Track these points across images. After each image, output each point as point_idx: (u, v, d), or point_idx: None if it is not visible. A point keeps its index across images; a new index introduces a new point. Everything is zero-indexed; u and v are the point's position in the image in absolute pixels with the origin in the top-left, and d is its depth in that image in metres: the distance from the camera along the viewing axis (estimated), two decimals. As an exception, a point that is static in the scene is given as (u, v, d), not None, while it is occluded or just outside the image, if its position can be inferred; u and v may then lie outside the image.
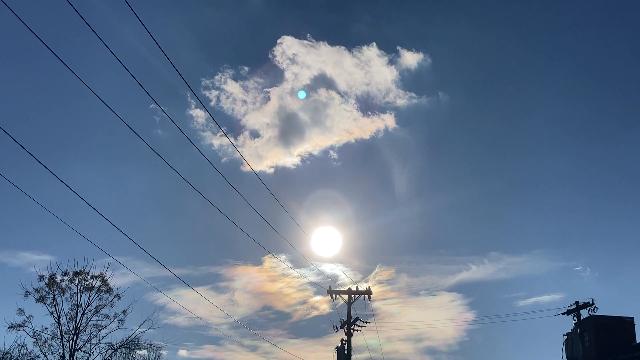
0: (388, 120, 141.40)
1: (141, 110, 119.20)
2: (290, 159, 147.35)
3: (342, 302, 47.24)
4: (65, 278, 36.01)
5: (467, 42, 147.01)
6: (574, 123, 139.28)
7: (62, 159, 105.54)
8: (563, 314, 43.08)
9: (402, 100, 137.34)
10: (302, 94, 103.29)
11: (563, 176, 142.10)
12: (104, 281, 36.80)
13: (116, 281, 37.82)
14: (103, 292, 36.71)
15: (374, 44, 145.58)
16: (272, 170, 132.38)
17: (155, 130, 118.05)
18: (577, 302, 42.27)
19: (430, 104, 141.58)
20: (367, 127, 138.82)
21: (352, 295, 47.02)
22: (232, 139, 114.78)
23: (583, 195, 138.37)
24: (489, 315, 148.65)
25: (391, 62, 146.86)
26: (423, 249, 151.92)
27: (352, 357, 45.81)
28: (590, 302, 41.62)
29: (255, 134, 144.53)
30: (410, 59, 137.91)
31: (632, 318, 52.74)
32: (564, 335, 41.40)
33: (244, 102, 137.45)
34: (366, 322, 47.01)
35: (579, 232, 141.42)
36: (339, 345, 45.49)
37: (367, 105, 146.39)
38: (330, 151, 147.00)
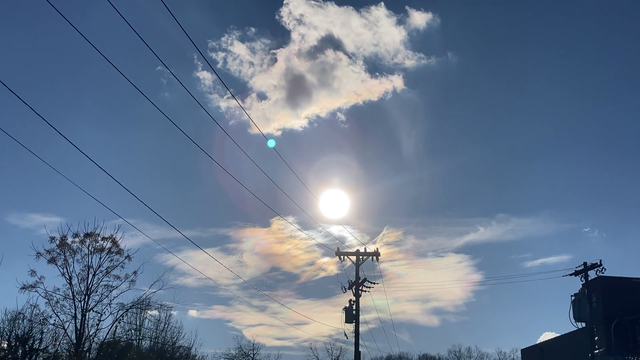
0: (396, 82, 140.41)
1: (148, 73, 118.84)
2: (297, 121, 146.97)
3: (349, 263, 47.58)
4: (76, 240, 36.30)
5: (476, 1, 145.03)
6: (582, 83, 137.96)
7: (70, 121, 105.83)
8: (571, 275, 43.18)
9: (411, 61, 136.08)
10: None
11: (571, 137, 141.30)
12: (114, 243, 37.07)
13: (126, 243, 38.14)
14: (114, 254, 37.00)
15: (382, 3, 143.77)
16: (279, 132, 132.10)
17: (162, 93, 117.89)
18: (584, 263, 42.36)
19: (439, 65, 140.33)
20: (375, 88, 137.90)
21: (360, 257, 47.29)
22: (239, 101, 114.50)
23: (591, 157, 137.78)
24: (496, 277, 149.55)
25: (400, 22, 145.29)
26: (430, 210, 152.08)
27: (360, 317, 46.30)
28: (598, 263, 41.68)
29: (262, 96, 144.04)
30: (419, 19, 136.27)
31: (640, 279, 52.97)
32: (571, 296, 41.62)
33: (251, 64, 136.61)
34: (374, 283, 47.41)
35: (587, 194, 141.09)
36: (347, 305, 45.92)
37: (375, 67, 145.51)
38: (338, 113, 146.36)
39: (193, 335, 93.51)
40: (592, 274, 42.21)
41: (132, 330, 48.63)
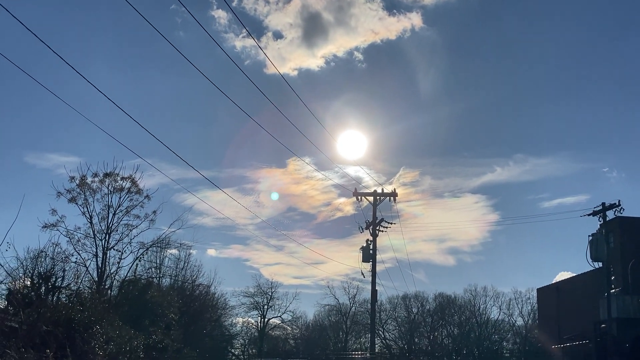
0: (415, 20, 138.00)
1: (162, 12, 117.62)
2: (314, 60, 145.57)
3: (366, 203, 47.76)
4: (96, 179, 36.56)
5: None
6: (604, 17, 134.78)
7: (87, 61, 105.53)
8: (589, 215, 43.12)
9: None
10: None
11: (591, 76, 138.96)
12: (133, 182, 37.27)
13: (145, 183, 38.38)
14: (133, 193, 37.24)
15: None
16: (295, 72, 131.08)
17: (177, 32, 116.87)
18: (603, 204, 42.21)
19: (458, 2, 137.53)
20: (393, 26, 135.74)
21: (378, 197, 47.45)
22: (256, 40, 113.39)
23: (611, 96, 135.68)
24: (512, 217, 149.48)
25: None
26: (447, 151, 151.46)
27: (377, 256, 46.73)
28: (617, 204, 41.55)
29: (278, 35, 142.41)
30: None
31: (658, 219, 52.72)
32: (589, 236, 41.65)
33: (267, 1, 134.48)
34: (391, 224, 47.68)
35: (606, 133, 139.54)
36: (364, 245, 46.32)
37: (393, 4, 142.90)
38: (355, 52, 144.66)
39: (212, 273, 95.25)
40: (610, 214, 42.17)
41: (153, 269, 49.50)
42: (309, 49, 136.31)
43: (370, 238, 46.64)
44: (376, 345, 72.29)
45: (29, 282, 29.88)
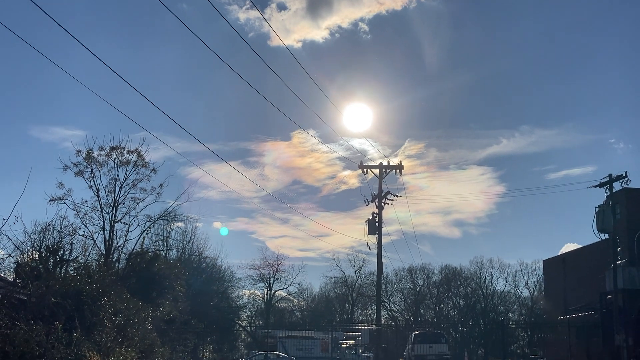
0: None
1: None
2: (318, 32, 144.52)
3: (371, 176, 47.72)
4: (102, 153, 36.59)
5: None
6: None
7: (91, 34, 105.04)
8: (595, 186, 42.96)
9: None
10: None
11: (597, 47, 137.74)
12: (139, 156, 37.29)
13: (150, 156, 38.39)
14: (139, 167, 37.26)
15: None
16: (300, 44, 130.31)
17: (181, 5, 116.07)
18: (609, 175, 42.04)
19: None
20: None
21: (383, 170, 47.40)
22: (260, 11, 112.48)
23: (618, 66, 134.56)
24: (519, 189, 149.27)
25: None
26: (453, 122, 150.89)
27: (383, 229, 46.81)
28: (624, 175, 41.38)
29: (282, 7, 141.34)
30: None
31: (666, 191, 52.57)
32: (595, 207, 41.58)
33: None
34: (396, 196, 47.70)
35: (613, 105, 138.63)
36: (370, 217, 46.40)
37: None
38: (360, 23, 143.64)
39: (219, 246, 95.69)
40: (617, 186, 42.00)
41: (160, 242, 49.86)
42: (313, 20, 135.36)
43: (376, 211, 46.70)
44: (382, 317, 72.78)
45: (37, 255, 30.05)
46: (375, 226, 46.42)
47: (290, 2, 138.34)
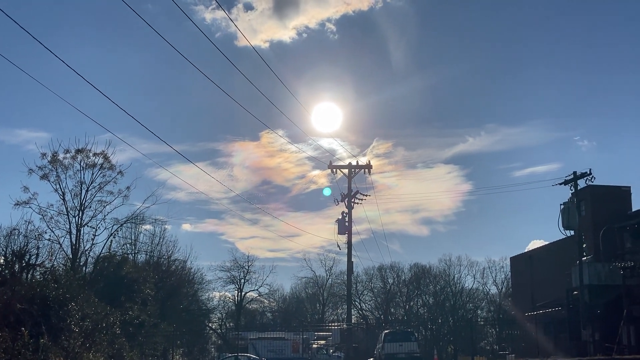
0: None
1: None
2: (285, 32, 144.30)
3: (340, 175, 47.84)
4: (68, 156, 36.21)
5: None
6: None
7: (55, 36, 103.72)
8: (560, 184, 43.62)
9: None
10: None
11: (562, 45, 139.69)
12: (106, 158, 37.01)
13: (117, 158, 38.10)
14: (106, 169, 37.02)
15: None
16: (267, 44, 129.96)
17: (146, 5, 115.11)
18: (574, 172, 42.68)
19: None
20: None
21: (353, 170, 47.53)
22: (226, 12, 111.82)
23: (582, 65, 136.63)
24: (485, 187, 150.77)
25: None
26: (420, 122, 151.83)
27: (352, 228, 46.97)
28: (588, 172, 42.05)
29: (248, 7, 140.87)
30: None
31: (629, 187, 53.51)
32: (560, 204, 42.19)
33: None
34: (366, 195, 47.89)
35: (577, 103, 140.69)
36: (340, 217, 46.51)
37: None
38: (327, 24, 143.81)
39: (188, 248, 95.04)
40: (581, 183, 42.66)
41: (128, 245, 49.34)
42: (280, 20, 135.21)
43: (346, 210, 46.83)
44: (353, 316, 72.95)
45: (2, 260, 29.62)
46: (345, 226, 46.55)
47: (256, 2, 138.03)
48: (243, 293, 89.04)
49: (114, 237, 39.65)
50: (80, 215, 36.15)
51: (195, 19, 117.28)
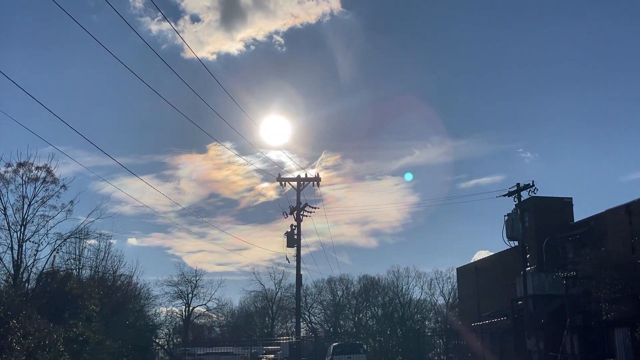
0: (333, 3, 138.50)
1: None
2: (233, 44, 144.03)
3: (289, 188, 47.87)
4: (9, 169, 35.40)
5: None
6: (520, 7, 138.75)
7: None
8: (504, 195, 44.47)
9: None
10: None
11: (505, 58, 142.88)
12: (49, 172, 36.29)
13: (60, 172, 37.39)
14: (49, 183, 36.28)
15: None
16: (214, 56, 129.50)
17: (90, 16, 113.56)
18: (518, 184, 43.59)
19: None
20: (313, 10, 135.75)
21: (302, 182, 47.59)
22: (172, 24, 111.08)
23: (525, 78, 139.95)
24: (432, 198, 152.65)
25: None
26: (368, 134, 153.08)
27: (302, 241, 46.95)
28: (531, 184, 42.99)
29: (195, 18, 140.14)
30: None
31: (571, 198, 54.88)
32: (504, 216, 43.01)
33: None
34: (315, 208, 47.96)
35: (521, 115, 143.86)
36: (289, 230, 46.44)
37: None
38: (275, 36, 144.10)
39: (134, 263, 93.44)
40: (524, 195, 43.58)
41: (72, 260, 48.27)
42: (228, 32, 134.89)
43: (295, 223, 46.80)
44: (302, 330, 72.77)
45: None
46: (294, 239, 46.49)
47: (203, 14, 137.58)
48: (191, 308, 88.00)
49: (57, 253, 38.91)
50: (22, 230, 35.35)
51: (141, 30, 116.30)
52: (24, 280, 35.68)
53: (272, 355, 62.57)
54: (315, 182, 47.86)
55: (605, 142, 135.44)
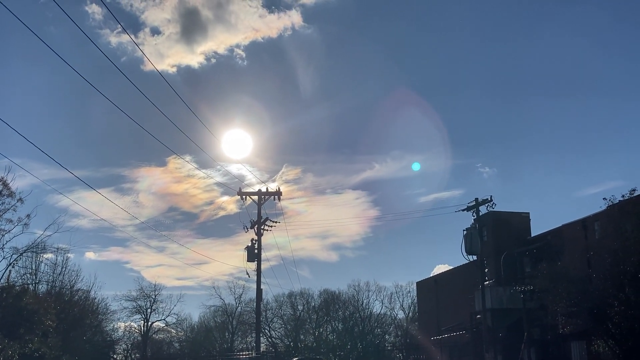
0: (295, 18, 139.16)
1: (31, 5, 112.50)
2: (193, 57, 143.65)
3: (250, 201, 47.76)
4: (-37, 182, 34.66)
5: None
6: (482, 21, 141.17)
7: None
8: (463, 210, 45.09)
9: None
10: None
11: (465, 75, 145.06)
12: (5, 185, 35.63)
13: (16, 184, 36.74)
14: (5, 196, 35.61)
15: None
16: (174, 69, 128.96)
17: (48, 27, 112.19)
18: (476, 199, 44.25)
19: (337, 1, 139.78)
20: (274, 24, 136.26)
21: (263, 197, 47.53)
22: (132, 36, 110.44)
23: (484, 94, 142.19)
24: (392, 212, 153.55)
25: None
26: (328, 148, 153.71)
27: (262, 255, 46.83)
28: (489, 199, 43.67)
29: (155, 31, 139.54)
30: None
31: (528, 213, 55.86)
32: (463, 230, 43.59)
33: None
34: (275, 222, 47.93)
35: (478, 130, 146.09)
36: (249, 244, 46.29)
37: (273, 1, 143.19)
38: (236, 49, 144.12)
39: (92, 278, 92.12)
40: (483, 209, 44.24)
41: (28, 275, 47.48)
42: (188, 45, 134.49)
43: (255, 237, 46.68)
44: (262, 344, 72.47)
45: None
46: (254, 253, 46.34)
47: (164, 27, 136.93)
48: (149, 323, 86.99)
49: (13, 267, 38.26)
50: (-24, 244, 34.64)
51: (101, 42, 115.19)
52: (-22, 295, 34.90)
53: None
54: (276, 196, 47.85)
55: (562, 157, 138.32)
